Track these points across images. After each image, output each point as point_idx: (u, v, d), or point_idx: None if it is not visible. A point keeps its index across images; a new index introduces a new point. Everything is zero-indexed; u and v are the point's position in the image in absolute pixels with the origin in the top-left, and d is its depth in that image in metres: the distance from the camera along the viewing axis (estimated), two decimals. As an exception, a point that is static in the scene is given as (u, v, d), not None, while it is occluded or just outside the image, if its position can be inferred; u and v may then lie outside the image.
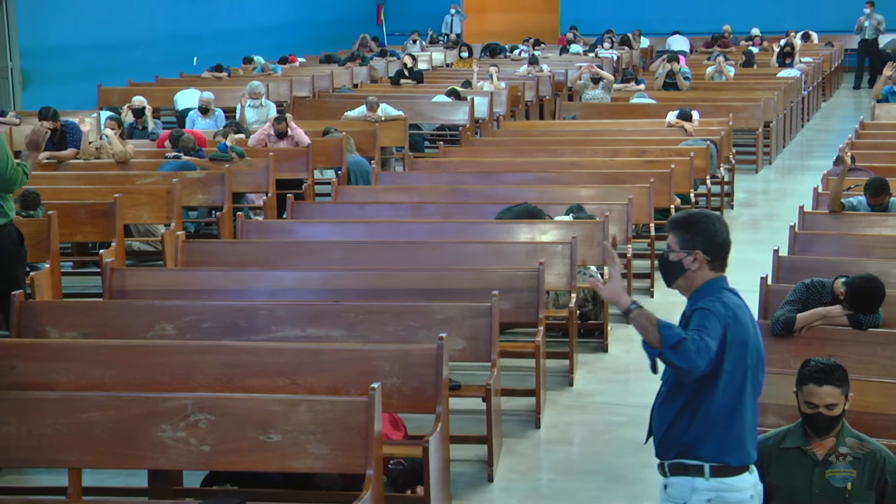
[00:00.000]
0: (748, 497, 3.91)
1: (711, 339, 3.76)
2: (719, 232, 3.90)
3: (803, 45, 21.95)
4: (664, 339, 3.76)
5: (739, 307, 3.88)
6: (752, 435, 3.92)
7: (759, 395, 3.97)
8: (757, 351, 3.89)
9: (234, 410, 4.88)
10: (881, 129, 12.58)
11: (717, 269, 3.92)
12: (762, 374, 3.96)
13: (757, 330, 3.93)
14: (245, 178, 10.75)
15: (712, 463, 3.87)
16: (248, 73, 19.11)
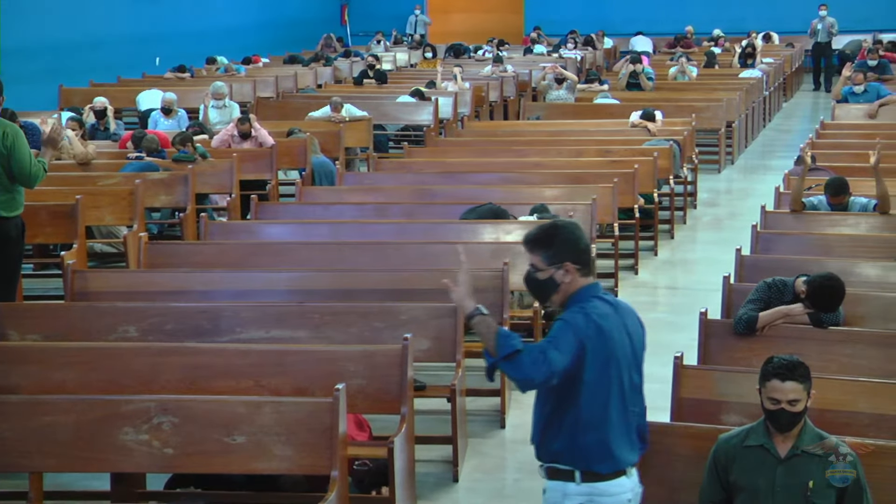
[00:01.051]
0: (625, 500, 3.92)
1: (559, 352, 3.74)
2: (581, 238, 3.89)
3: (764, 45, 22.11)
4: (499, 349, 3.74)
5: (605, 317, 3.84)
6: (624, 441, 3.90)
7: (637, 394, 3.98)
8: (629, 357, 3.89)
9: (197, 412, 4.86)
10: (841, 129, 12.71)
11: (587, 275, 3.90)
12: (637, 375, 3.95)
13: (631, 336, 3.91)
14: (208, 179, 10.69)
15: (582, 469, 3.88)
16: (211, 73, 19.00)
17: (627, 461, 3.93)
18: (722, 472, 4.33)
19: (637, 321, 4.02)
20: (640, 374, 4.00)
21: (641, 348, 4.00)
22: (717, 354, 5.83)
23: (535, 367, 3.73)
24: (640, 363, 3.98)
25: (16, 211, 7.18)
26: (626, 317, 3.95)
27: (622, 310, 3.96)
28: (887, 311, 6.25)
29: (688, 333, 7.15)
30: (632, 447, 3.96)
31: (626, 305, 4.02)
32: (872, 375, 5.42)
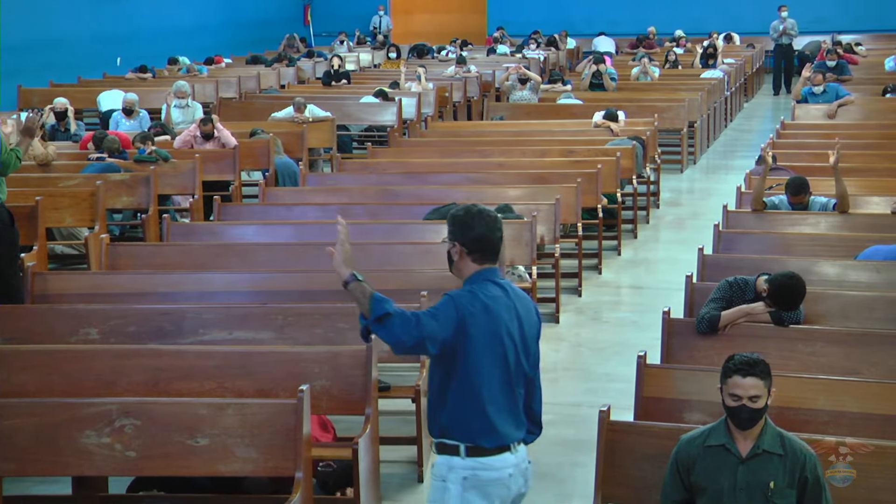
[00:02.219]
0: (506, 476, 4.06)
1: (436, 321, 3.94)
2: (475, 227, 4.06)
3: (726, 46, 22.27)
4: (372, 311, 3.92)
5: (494, 298, 4.03)
6: (508, 418, 4.05)
7: (524, 377, 4.13)
8: (517, 340, 4.05)
9: (160, 415, 4.84)
10: (801, 129, 12.83)
11: (481, 262, 4.09)
12: (525, 359, 4.10)
13: (521, 320, 4.08)
14: (171, 180, 10.63)
15: (466, 444, 4.03)
16: (173, 73, 18.88)
17: (512, 437, 4.07)
18: (684, 473, 4.35)
19: (531, 309, 4.18)
20: (530, 359, 4.14)
21: (533, 335, 4.16)
22: (680, 353, 5.87)
23: (406, 330, 3.91)
24: (529, 349, 4.13)
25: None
26: (518, 302, 4.11)
27: (515, 295, 4.12)
28: (846, 309, 6.32)
29: (651, 333, 7.20)
30: (517, 425, 4.10)
31: (522, 293, 4.18)
32: (832, 373, 5.49)
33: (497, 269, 4.13)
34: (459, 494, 4.03)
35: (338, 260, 4.03)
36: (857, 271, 6.96)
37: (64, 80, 17.46)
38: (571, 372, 7.90)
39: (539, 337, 4.21)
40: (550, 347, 8.28)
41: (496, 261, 4.12)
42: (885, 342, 5.71)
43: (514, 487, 4.10)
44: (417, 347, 3.98)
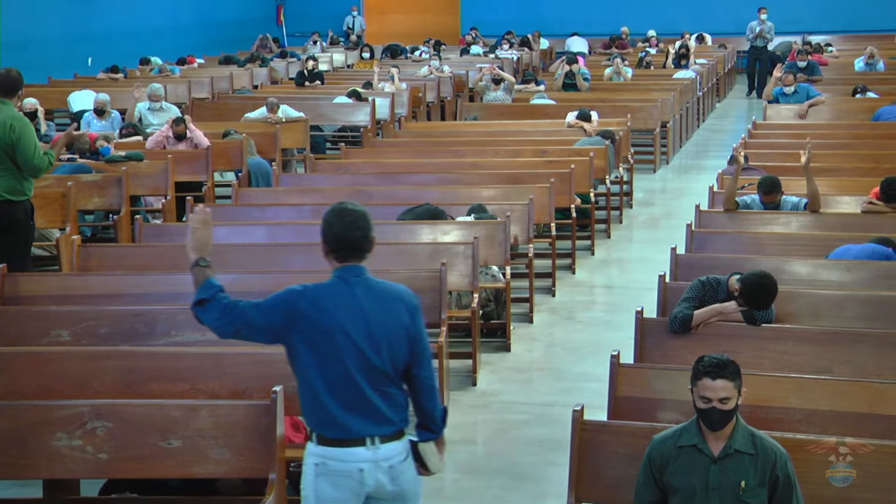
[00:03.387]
0: (355, 470, 4.09)
1: (258, 311, 4.08)
2: (335, 226, 4.14)
3: (698, 46, 22.36)
4: (195, 295, 4.12)
5: (335, 297, 4.10)
6: (355, 414, 4.07)
7: (415, 381, 4.18)
8: (363, 336, 4.07)
9: (132, 417, 4.81)
10: (772, 129, 12.90)
11: (343, 259, 4.16)
12: (377, 356, 4.09)
13: (367, 317, 4.08)
14: (143, 181, 10.57)
15: (316, 432, 4.13)
16: (145, 74, 18.78)
17: (360, 432, 4.09)
18: (657, 473, 4.36)
19: (394, 310, 4.15)
20: (381, 355, 4.10)
21: (395, 335, 4.13)
22: (653, 352, 5.89)
23: (221, 316, 4.08)
24: (380, 347, 4.10)
25: (23, 197, 7.68)
26: (372, 302, 4.12)
27: (371, 295, 4.13)
28: (817, 308, 6.36)
29: (624, 332, 7.23)
30: (374, 421, 4.10)
31: (393, 293, 4.19)
32: (803, 371, 5.52)
33: (359, 268, 4.16)
34: (312, 480, 4.13)
35: (188, 244, 4.18)
36: (828, 270, 7.01)
37: (34, 80, 17.27)
38: (545, 372, 7.92)
39: (414, 337, 4.16)
40: (524, 347, 8.30)
41: (358, 258, 4.16)
42: (855, 341, 5.75)
43: (370, 483, 4.10)
44: (237, 334, 4.11)
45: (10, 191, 7.59)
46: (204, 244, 4.18)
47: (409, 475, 4.21)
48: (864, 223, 8.07)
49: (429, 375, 4.24)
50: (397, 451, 4.15)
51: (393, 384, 4.16)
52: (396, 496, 4.19)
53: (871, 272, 6.92)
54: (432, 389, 4.25)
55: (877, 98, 14.40)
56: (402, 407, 4.21)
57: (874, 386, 5.14)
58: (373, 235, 4.21)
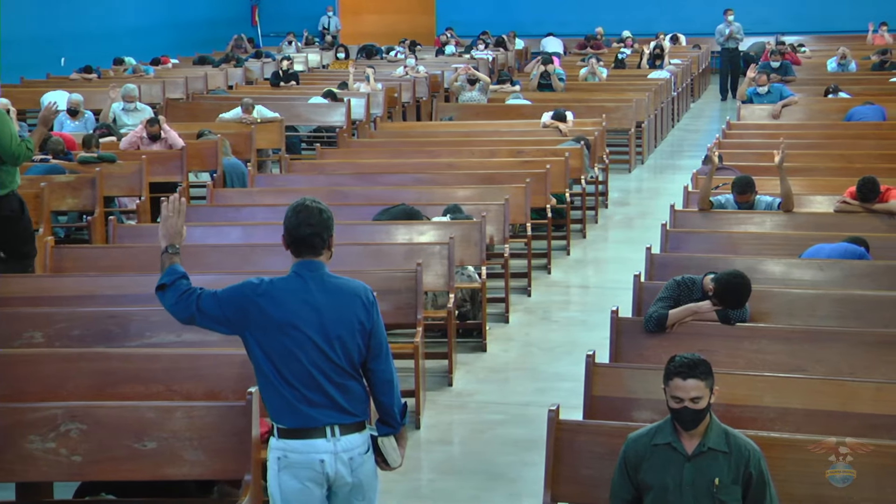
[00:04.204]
0: (316, 461, 4.16)
1: (215, 300, 4.21)
2: (289, 220, 4.26)
3: (672, 47, 22.44)
4: (159, 279, 4.28)
5: (289, 291, 4.20)
6: (312, 405, 4.15)
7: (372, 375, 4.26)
8: (316, 329, 4.15)
9: (106, 419, 4.79)
10: (746, 129, 12.97)
11: (298, 254, 4.26)
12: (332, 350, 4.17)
13: (320, 310, 4.16)
14: (117, 182, 10.52)
15: (277, 424, 4.21)
16: (118, 74, 18.69)
17: (320, 422, 4.16)
18: (632, 471, 4.38)
19: (348, 304, 4.22)
20: (336, 349, 4.18)
21: (348, 330, 4.20)
22: (629, 352, 5.91)
23: (179, 301, 4.25)
24: (332, 342, 4.18)
25: (6, 189, 7.63)
26: (326, 296, 4.20)
27: (325, 290, 4.21)
28: (791, 307, 6.40)
29: (600, 332, 7.25)
30: (333, 412, 4.16)
31: (337, 286, 4.25)
32: (777, 370, 5.56)
33: (314, 263, 4.24)
34: (276, 474, 4.21)
35: (160, 231, 4.35)
36: (801, 269, 7.05)
37: (7, 80, 17.19)
38: (521, 372, 7.93)
39: (370, 332, 4.24)
40: (500, 348, 8.31)
41: (312, 254, 4.24)
42: (828, 339, 5.79)
43: (330, 473, 4.18)
44: (192, 320, 4.25)
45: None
46: (175, 232, 4.34)
47: (368, 468, 4.28)
48: (836, 222, 8.12)
49: (385, 370, 4.29)
50: (357, 443, 4.23)
51: (351, 378, 4.23)
52: (355, 487, 4.26)
53: (844, 271, 6.97)
54: (389, 384, 4.30)
55: (849, 98, 14.50)
56: (362, 400, 4.27)
57: (847, 384, 5.18)
58: (327, 234, 4.26)
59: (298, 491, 4.18)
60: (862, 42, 23.23)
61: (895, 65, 18.34)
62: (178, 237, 4.34)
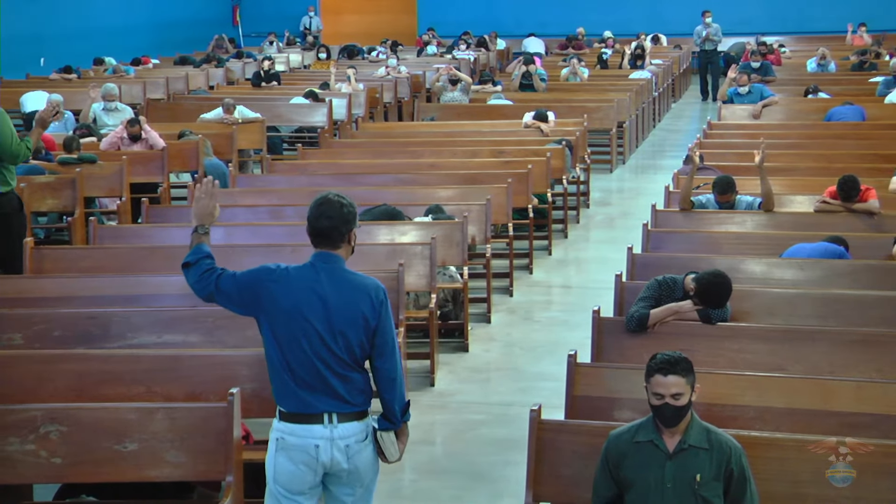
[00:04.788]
0: (311, 445, 4.26)
1: (233, 281, 4.34)
2: (310, 212, 4.41)
3: (653, 47, 22.49)
4: (185, 257, 4.42)
5: (301, 279, 4.29)
6: (313, 392, 4.24)
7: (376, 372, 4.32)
8: (321, 320, 4.24)
9: (87, 420, 4.77)
10: (727, 129, 13.02)
11: (316, 245, 4.38)
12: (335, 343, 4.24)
13: (326, 302, 4.24)
14: (97, 182, 10.48)
15: (279, 406, 4.33)
16: (98, 74, 18.61)
17: (318, 409, 4.25)
18: (613, 468, 4.40)
19: (353, 300, 4.28)
20: (338, 341, 4.25)
21: (350, 325, 4.27)
22: (610, 352, 5.92)
23: (200, 279, 4.37)
24: (336, 334, 4.25)
25: (7, 187, 7.77)
26: (333, 288, 4.27)
27: (334, 282, 4.28)
28: (772, 306, 6.43)
29: (581, 331, 7.26)
30: (333, 400, 4.25)
31: (347, 280, 4.31)
32: (758, 369, 5.58)
33: (330, 255, 4.33)
34: (273, 455, 4.32)
35: (192, 211, 4.49)
36: (781, 269, 7.08)
37: (-14, 80, 17.12)
38: (503, 372, 7.94)
39: (375, 329, 4.29)
40: (482, 348, 8.32)
41: (330, 246, 4.33)
42: (808, 338, 5.82)
43: (324, 459, 4.26)
44: (210, 298, 4.38)
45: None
46: (206, 213, 4.47)
47: (365, 456, 4.33)
48: (817, 222, 8.16)
49: (389, 368, 4.33)
50: (355, 431, 4.29)
51: (353, 370, 4.29)
52: (352, 474, 4.32)
53: (824, 270, 7.00)
54: (391, 382, 4.34)
55: (829, 98, 14.57)
56: (364, 392, 4.32)
57: (826, 383, 5.20)
58: (346, 228, 4.34)
59: (291, 473, 4.27)
60: (841, 43, 23.36)
61: (874, 65, 18.46)
62: (209, 218, 4.47)
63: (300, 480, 4.29)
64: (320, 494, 4.41)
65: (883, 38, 22.98)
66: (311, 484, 4.30)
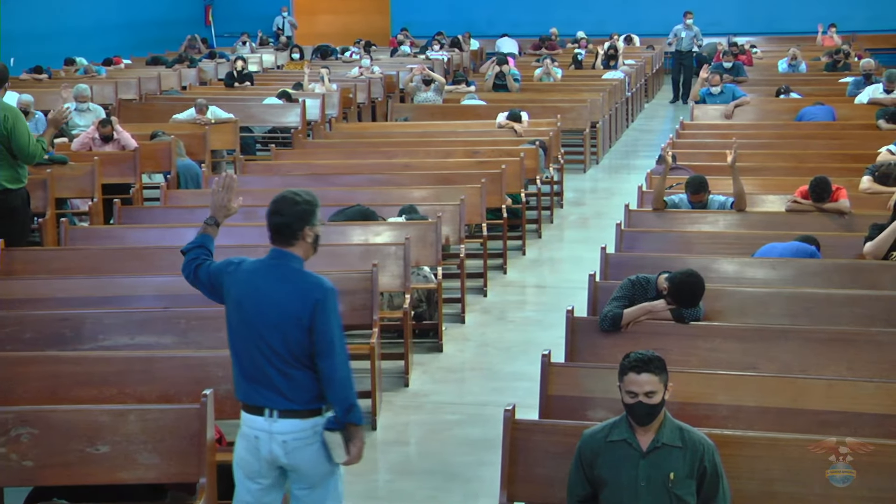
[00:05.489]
0: (253, 436, 4.38)
1: (207, 269, 4.52)
2: (268, 207, 4.49)
3: (626, 47, 22.57)
4: (184, 246, 4.65)
5: (247, 272, 4.41)
6: (254, 384, 4.35)
7: (320, 371, 4.32)
8: (262, 315, 4.31)
9: (58, 423, 4.74)
10: (700, 129, 13.07)
11: (270, 240, 4.48)
12: (274, 338, 4.31)
13: (261, 298, 4.33)
14: (69, 183, 10.40)
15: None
16: (70, 74, 18.48)
17: (259, 402, 4.34)
18: (587, 467, 4.41)
19: (285, 293, 4.32)
20: (274, 337, 4.31)
21: (276, 315, 4.31)
22: (584, 351, 5.94)
23: (186, 268, 4.58)
24: (271, 326, 4.31)
25: (19, 184, 8.06)
26: (270, 282, 4.35)
27: (274, 274, 4.37)
28: (744, 305, 6.46)
29: (555, 331, 7.29)
30: (274, 395, 4.31)
31: (288, 277, 4.35)
32: (730, 368, 5.61)
33: (281, 252, 4.40)
34: (238, 439, 4.49)
35: (210, 202, 4.67)
36: (753, 268, 7.12)
37: (-45, 80, 16.95)
38: (477, 372, 7.94)
39: (312, 329, 4.30)
40: (456, 348, 8.32)
41: (283, 243, 4.40)
42: (780, 337, 5.86)
43: (263, 451, 4.35)
44: (192, 284, 4.60)
45: (8, 179, 7.93)
46: (219, 206, 4.65)
47: (306, 455, 4.35)
48: (788, 221, 8.21)
49: (327, 368, 4.32)
50: (295, 428, 4.32)
51: (295, 367, 4.32)
52: (295, 472, 4.39)
53: (796, 270, 7.05)
54: (329, 381, 4.33)
55: (800, 99, 14.67)
56: (307, 390, 4.33)
57: (798, 381, 5.24)
58: (300, 225, 4.39)
59: (244, 459, 4.42)
60: (812, 43, 23.52)
61: (848, 65, 18.59)
62: (223, 210, 4.64)
63: (250, 468, 4.40)
64: (284, 487, 4.49)
65: (853, 39, 23.16)
66: (259, 472, 4.39)
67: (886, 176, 8.86)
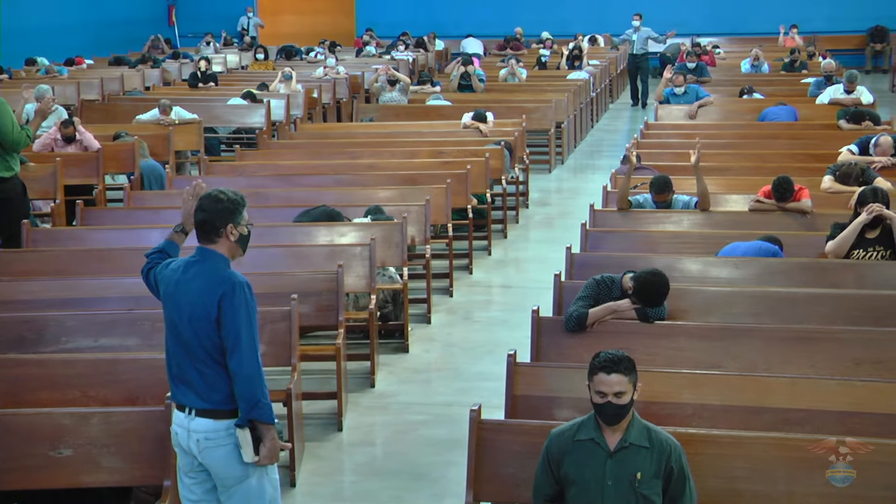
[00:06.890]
0: (174, 433, 4.46)
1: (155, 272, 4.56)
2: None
3: (591, 48, 22.63)
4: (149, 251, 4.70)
5: (172, 269, 4.47)
6: (174, 380, 4.44)
7: (229, 368, 4.32)
8: (179, 311, 4.38)
9: (20, 426, 4.70)
10: (664, 129, 13.14)
11: (199, 240, 4.51)
12: (186, 333, 4.36)
13: (178, 300, 4.39)
14: (31, 185, 10.22)
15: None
16: (30, 75, 18.31)
17: (178, 399, 4.43)
18: (554, 466, 4.42)
19: (198, 290, 4.35)
20: (188, 332, 4.36)
21: (190, 311, 4.35)
22: (549, 351, 5.95)
23: (143, 269, 4.62)
24: (186, 322, 4.36)
25: (10, 172, 8.26)
26: (187, 278, 4.40)
27: (191, 271, 4.41)
28: (708, 304, 6.50)
29: (521, 331, 7.30)
30: (191, 393, 4.37)
31: (203, 274, 4.38)
32: (695, 367, 5.64)
33: (204, 250, 4.43)
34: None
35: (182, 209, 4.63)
36: (717, 268, 7.17)
37: (-86, 81, 16.77)
38: (443, 372, 7.95)
39: (220, 325, 4.31)
40: (422, 348, 8.32)
41: (205, 240, 4.43)
42: (744, 336, 5.90)
43: (182, 444, 4.41)
44: (149, 289, 4.63)
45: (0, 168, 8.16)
46: (189, 214, 4.57)
47: (217, 456, 4.35)
48: (751, 221, 8.27)
49: (235, 362, 4.31)
50: (208, 428, 4.34)
51: (209, 366, 4.34)
52: (211, 470, 4.40)
53: (759, 269, 7.10)
54: (236, 376, 4.32)
55: (762, 99, 14.78)
56: (220, 390, 4.34)
57: (762, 380, 5.28)
58: (222, 222, 4.39)
59: (179, 453, 4.49)
60: (774, 44, 23.72)
61: (805, 64, 18.76)
62: (191, 219, 4.55)
63: (182, 461, 4.47)
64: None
65: (815, 40, 23.37)
66: (189, 467, 4.43)
67: (847, 175, 8.95)
